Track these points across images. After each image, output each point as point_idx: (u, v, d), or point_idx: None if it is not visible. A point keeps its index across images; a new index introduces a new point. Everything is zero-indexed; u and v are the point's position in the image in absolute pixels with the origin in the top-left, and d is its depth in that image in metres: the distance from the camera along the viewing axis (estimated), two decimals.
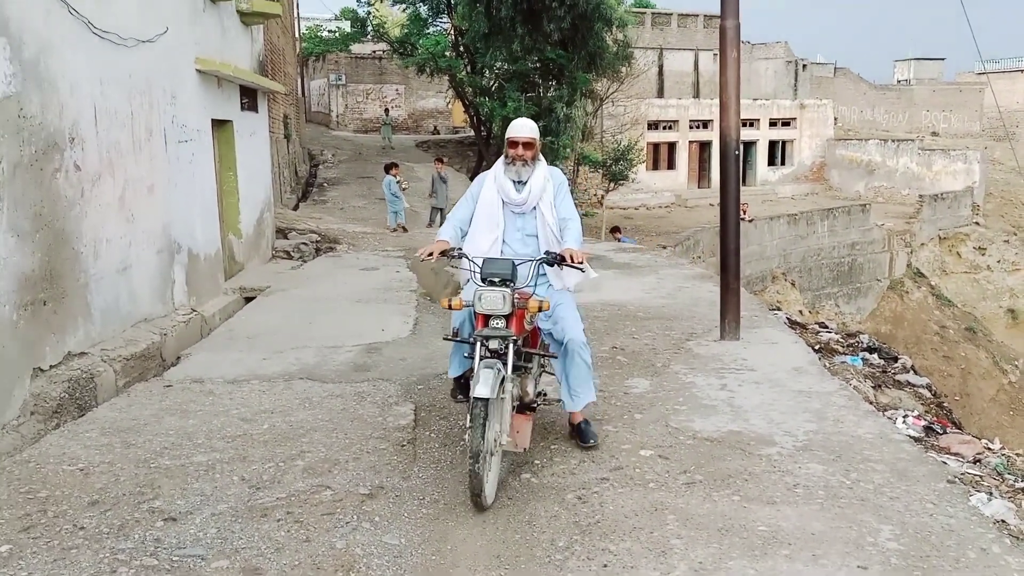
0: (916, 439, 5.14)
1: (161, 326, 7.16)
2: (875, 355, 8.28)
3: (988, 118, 45.77)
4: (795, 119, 35.39)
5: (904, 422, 5.99)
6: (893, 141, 35.45)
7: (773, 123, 34.99)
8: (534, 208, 4.44)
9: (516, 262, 4.05)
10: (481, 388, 3.63)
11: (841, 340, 8.66)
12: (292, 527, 3.61)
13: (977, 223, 32.10)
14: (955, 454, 5.37)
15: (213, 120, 9.22)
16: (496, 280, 3.92)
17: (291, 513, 3.74)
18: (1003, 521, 3.94)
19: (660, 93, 37.71)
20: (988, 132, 44.98)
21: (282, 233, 13.21)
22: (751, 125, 33.36)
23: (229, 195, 10.09)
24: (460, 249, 4.26)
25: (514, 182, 4.42)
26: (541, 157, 4.48)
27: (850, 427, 4.79)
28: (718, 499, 3.87)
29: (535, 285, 4.18)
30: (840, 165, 35.40)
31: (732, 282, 7.00)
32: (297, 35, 23.57)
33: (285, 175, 18.17)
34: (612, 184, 24.54)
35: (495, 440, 3.81)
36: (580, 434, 4.55)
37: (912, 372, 8.06)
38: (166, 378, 6.07)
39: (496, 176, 4.45)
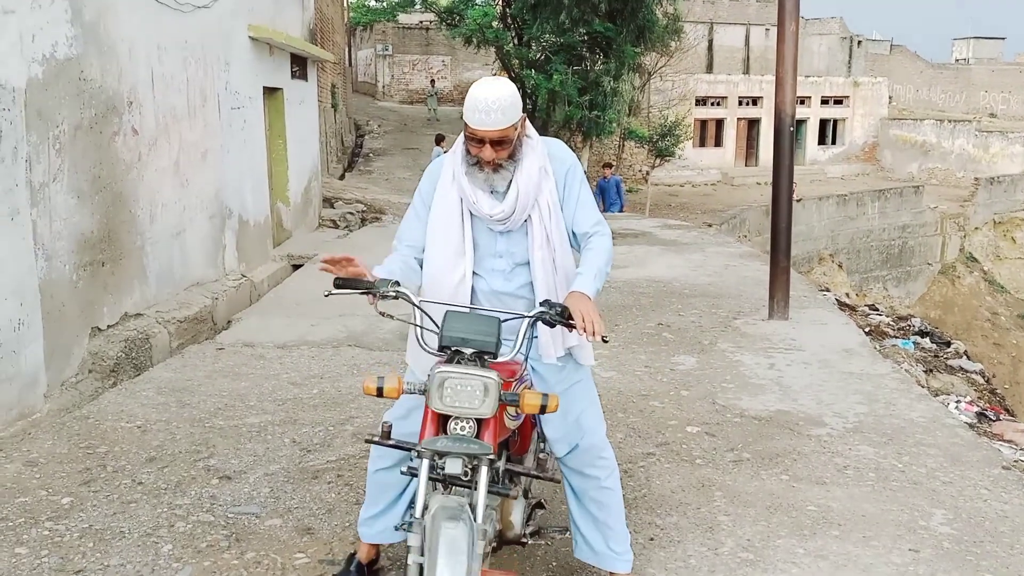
0: (969, 425, 5.05)
1: (213, 290, 7.28)
2: (927, 339, 8.13)
3: None
4: (848, 97, 34.59)
5: (956, 407, 5.89)
6: (949, 122, 34.50)
7: (825, 101, 34.24)
8: (526, 221, 2.64)
9: (502, 318, 2.41)
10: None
11: (892, 323, 8.51)
12: (343, 489, 3.67)
13: None
14: (1009, 441, 5.26)
15: (264, 87, 9.30)
16: (467, 353, 2.30)
17: (341, 476, 3.80)
18: None
19: (709, 68, 37.10)
20: None
21: (328, 202, 13.33)
22: (802, 103, 32.63)
23: (278, 163, 10.20)
24: (396, 285, 2.45)
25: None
26: (531, 132, 2.64)
27: (902, 410, 4.72)
28: (766, 477, 3.85)
29: (526, 356, 2.50)
30: (893, 145, 34.58)
31: (782, 261, 6.91)
32: (345, 5, 23.59)
33: (332, 145, 18.28)
34: (658, 160, 24.26)
35: None
36: None
37: (965, 357, 7.90)
38: (218, 341, 6.19)
39: (456, 173, 2.63)
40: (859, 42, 42.35)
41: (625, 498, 3.46)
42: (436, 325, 2.40)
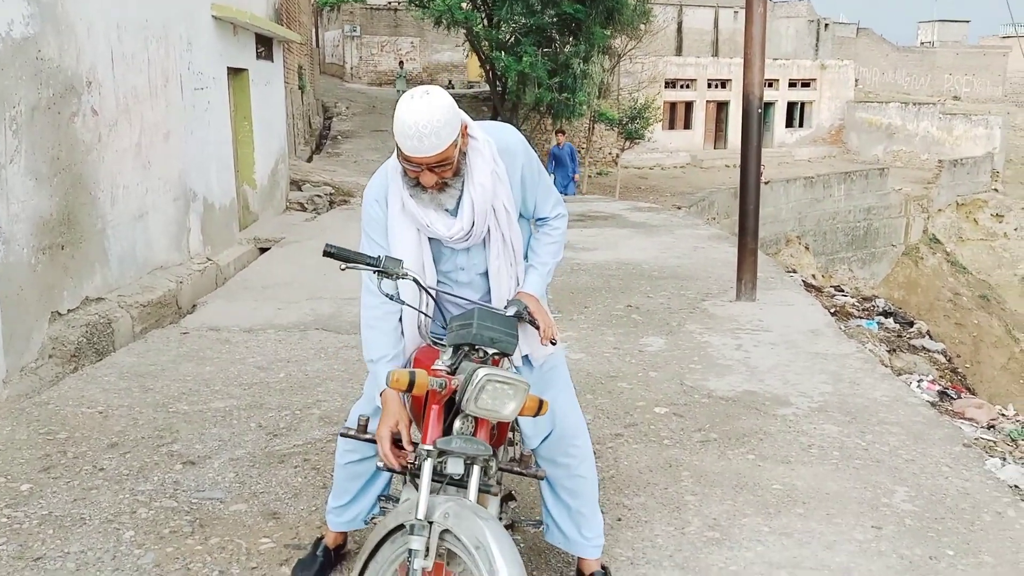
0: (931, 403, 5.13)
1: (177, 274, 7.18)
2: (891, 319, 8.25)
3: (1011, 83, 44.99)
4: (815, 80, 34.84)
5: (919, 386, 5.98)
6: (914, 104, 34.89)
7: (792, 84, 34.45)
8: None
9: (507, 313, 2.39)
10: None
11: (857, 304, 8.62)
12: (309, 473, 3.64)
13: (996, 190, 31.70)
14: (969, 419, 5.36)
15: (229, 68, 9.16)
16: (492, 353, 2.23)
17: (308, 460, 3.77)
18: (1016, 486, 3.94)
19: (678, 51, 37.16)
20: (1011, 97, 44.24)
21: (296, 185, 13.18)
22: (770, 85, 32.84)
23: (244, 145, 10.06)
24: (401, 264, 2.31)
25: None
26: (475, 133, 2.38)
27: (866, 390, 4.78)
28: (732, 457, 3.88)
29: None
30: (859, 128, 34.92)
31: (750, 242, 6.95)
32: None
33: (299, 127, 18.06)
34: (628, 143, 24.27)
35: None
36: None
37: (927, 337, 8.03)
38: (183, 325, 6.10)
39: (403, 198, 2.39)
40: (826, 25, 42.63)
41: None
42: (443, 317, 2.35)
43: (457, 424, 2.20)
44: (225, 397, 4.56)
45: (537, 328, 2.39)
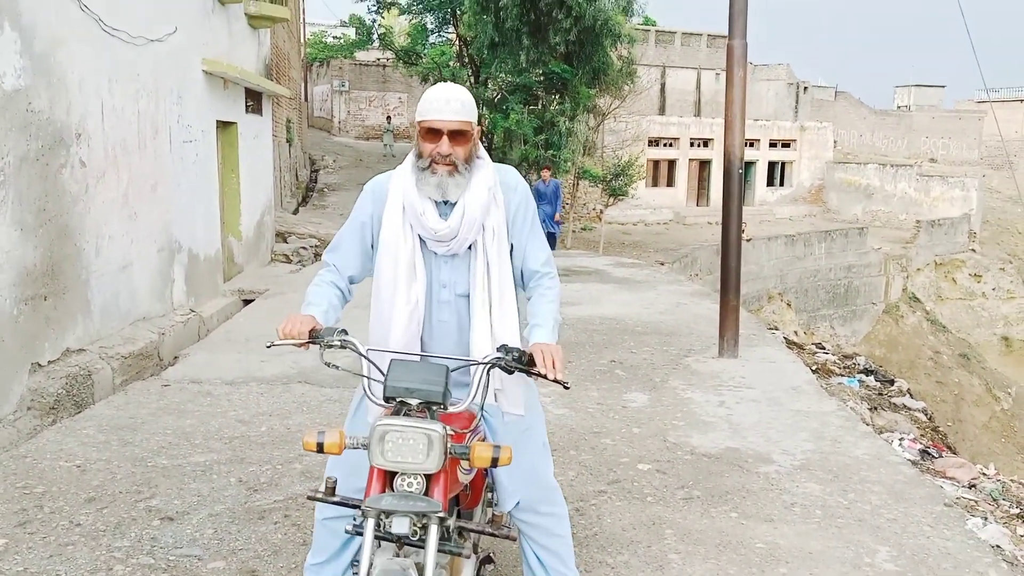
0: (912, 462, 5.15)
1: (160, 325, 7.15)
2: (872, 377, 8.30)
3: (986, 146, 46.00)
4: (795, 140, 35.54)
5: (900, 444, 6.01)
6: (892, 166, 35.59)
7: (773, 144, 35.12)
8: (470, 248, 2.50)
9: (454, 365, 2.32)
10: None
11: (838, 361, 8.68)
12: (289, 530, 3.59)
13: (973, 250, 32.22)
14: (951, 478, 5.38)
15: (218, 121, 9.25)
16: (413, 404, 2.16)
17: (288, 516, 3.73)
18: (998, 546, 3.95)
19: (662, 110, 37.83)
20: (986, 160, 45.20)
21: (281, 237, 13.22)
22: (751, 145, 33.43)
23: (231, 197, 10.11)
24: (342, 333, 2.33)
25: (435, 202, 2.47)
26: (482, 153, 2.52)
27: (848, 447, 4.80)
28: (716, 515, 3.87)
29: (481, 406, 2.34)
30: (839, 188, 35.53)
31: (732, 299, 7.02)
32: (302, 40, 23.64)
33: (286, 179, 18.18)
34: (611, 199, 24.56)
35: None
36: None
37: (908, 395, 8.07)
38: (164, 377, 6.06)
39: (404, 193, 2.48)
40: (805, 88, 43.59)
41: (576, 536, 3.46)
42: (382, 374, 2.24)
43: (397, 481, 2.12)
44: (205, 451, 4.51)
45: (532, 374, 2.31)
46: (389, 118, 34.17)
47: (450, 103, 2.37)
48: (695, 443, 4.84)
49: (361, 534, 2.11)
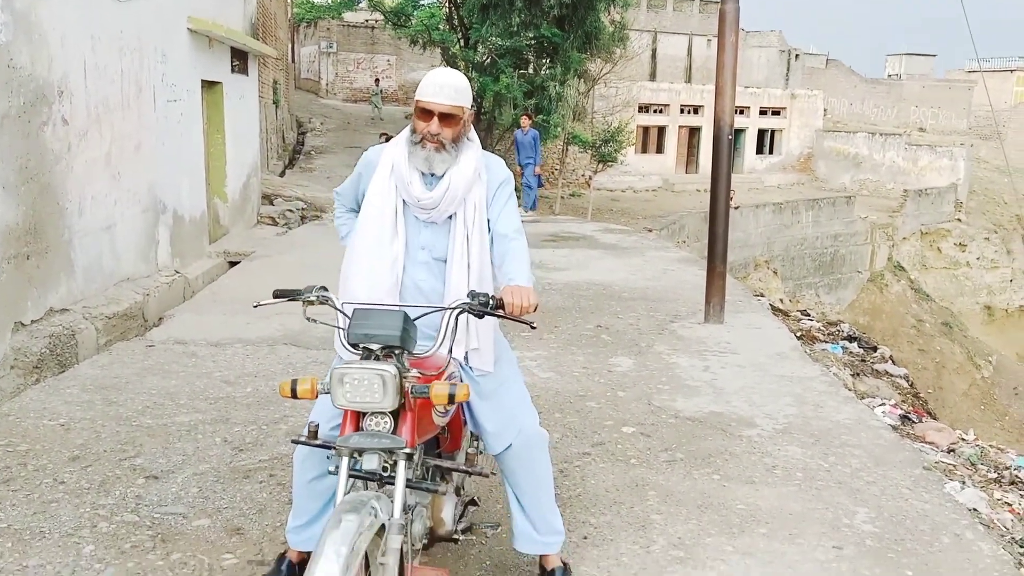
0: (893, 427, 5.21)
1: (144, 286, 7.11)
2: (855, 344, 8.37)
3: (975, 116, 46.03)
4: (785, 108, 35.43)
5: (881, 410, 6.08)
6: (881, 135, 35.58)
7: (763, 111, 35.00)
8: (450, 217, 2.70)
9: (415, 314, 2.44)
10: (323, 571, 1.92)
11: (822, 328, 8.74)
12: (275, 488, 3.61)
13: (959, 220, 32.38)
14: (930, 443, 5.46)
15: (203, 81, 9.13)
16: (374, 348, 2.26)
17: (273, 475, 3.74)
18: (975, 510, 4.02)
19: (652, 76, 37.61)
20: (975, 130, 45.25)
21: (268, 199, 13.13)
22: (741, 113, 33.32)
23: (216, 158, 10.01)
24: (322, 290, 2.52)
25: (423, 174, 2.67)
26: (474, 136, 2.77)
27: (830, 412, 4.84)
28: (698, 477, 3.91)
29: (450, 349, 2.49)
30: (827, 156, 35.53)
31: (719, 266, 7.04)
32: (289, 0, 23.28)
33: (272, 141, 18.01)
34: (600, 165, 24.47)
35: None
36: None
37: (890, 362, 8.15)
38: (149, 338, 6.04)
39: (395, 163, 2.69)
40: (796, 55, 43.38)
41: (560, 497, 3.50)
42: (344, 324, 2.39)
43: (365, 421, 2.27)
44: (190, 411, 4.52)
45: (500, 316, 2.47)
46: (377, 80, 33.83)
47: (444, 88, 2.58)
48: (679, 407, 4.87)
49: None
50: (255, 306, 2.63)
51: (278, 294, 2.57)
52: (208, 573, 2.93)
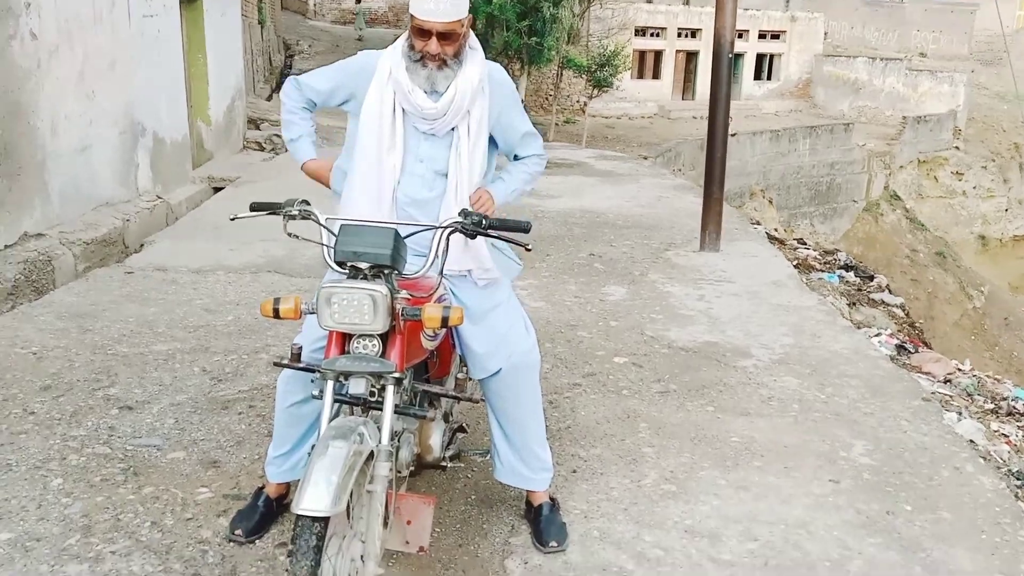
0: (890, 357, 5.11)
1: (124, 211, 6.88)
2: (851, 273, 8.24)
3: (977, 42, 45.15)
4: (785, 32, 34.59)
5: (878, 340, 5.97)
6: (881, 60, 34.86)
7: (762, 35, 34.17)
8: (453, 129, 2.53)
9: (405, 232, 2.35)
10: (311, 498, 1.85)
11: (819, 257, 8.60)
12: (254, 420, 3.49)
13: (957, 147, 31.99)
14: (927, 373, 5.36)
15: None
16: (363, 267, 2.12)
17: (253, 407, 3.62)
18: (972, 441, 3.94)
19: None
20: (976, 56, 44.42)
21: (254, 124, 12.76)
22: (740, 36, 32.43)
23: (198, 79, 9.64)
24: (304, 203, 2.34)
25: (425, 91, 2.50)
26: (474, 44, 2.55)
27: (827, 342, 4.73)
28: (691, 409, 3.81)
29: (440, 271, 2.32)
30: (826, 82, 34.87)
31: (716, 192, 6.85)
32: None
33: (259, 63, 17.48)
34: (596, 90, 23.96)
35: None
36: (540, 528, 2.74)
37: (887, 292, 8.04)
38: (127, 264, 5.86)
39: (392, 69, 2.49)
40: None
41: (550, 429, 3.40)
42: (331, 242, 2.25)
43: (352, 344, 2.16)
44: (168, 340, 4.37)
45: (490, 236, 2.39)
46: (358, 0, 32.88)
47: (440, 3, 2.37)
48: (673, 337, 4.75)
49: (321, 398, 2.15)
50: (232, 218, 2.46)
51: (256, 207, 2.40)
52: (181, 507, 2.82)
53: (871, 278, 8.48)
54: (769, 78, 34.79)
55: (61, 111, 6.01)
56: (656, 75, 32.38)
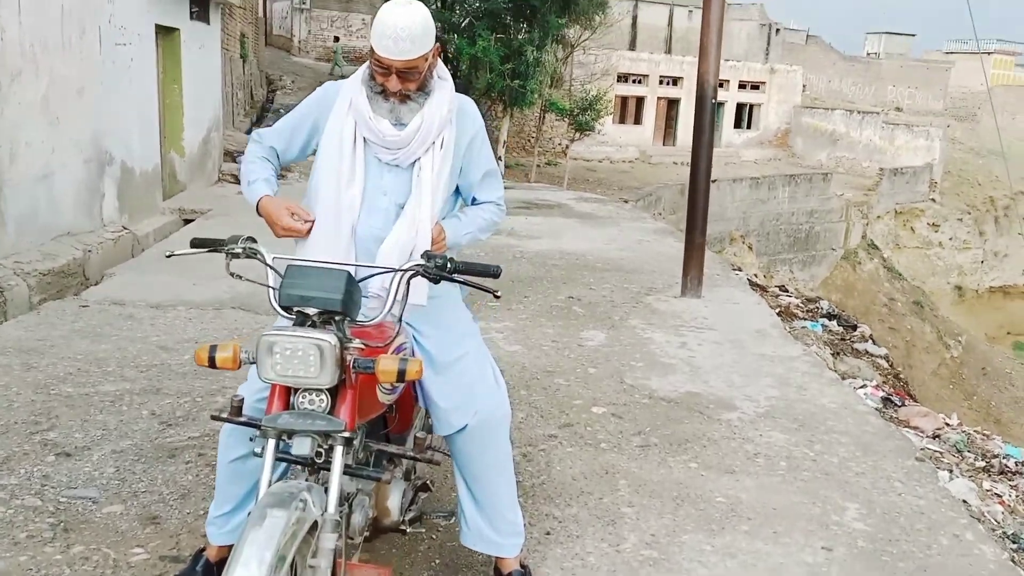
0: (878, 411, 4.92)
1: (86, 242, 6.63)
2: (834, 322, 8.08)
3: (952, 98, 46.04)
4: (764, 83, 35.05)
5: (864, 391, 5.79)
6: (858, 112, 35.37)
7: (743, 85, 34.61)
8: (416, 161, 2.32)
9: (362, 274, 2.15)
10: (242, 571, 1.62)
11: (801, 305, 8.45)
12: (202, 471, 3.22)
13: (933, 199, 32.36)
14: (915, 428, 5.17)
15: (157, 26, 8.56)
16: (310, 312, 1.92)
17: (203, 455, 3.34)
18: (964, 501, 3.73)
19: (632, 46, 36.99)
20: (951, 111, 45.25)
21: (231, 156, 12.55)
22: (721, 86, 32.83)
23: (173, 109, 9.46)
24: (249, 240, 2.14)
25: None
26: (443, 74, 2.37)
27: (814, 395, 4.53)
28: (674, 465, 3.58)
29: (399, 317, 2.14)
30: (805, 133, 35.28)
31: (697, 237, 6.69)
32: None
33: (239, 97, 17.33)
34: (578, 134, 24.01)
35: None
36: None
37: (871, 341, 7.89)
38: (83, 297, 5.57)
39: (353, 99, 2.31)
40: (777, 30, 42.94)
41: (523, 485, 3.15)
42: (277, 284, 2.03)
43: (297, 398, 1.93)
44: (118, 380, 4.09)
45: (459, 282, 2.16)
46: (337, 39, 33.00)
47: (399, 43, 2.18)
48: (654, 386, 4.53)
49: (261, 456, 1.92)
50: (168, 255, 2.26)
51: (196, 243, 2.20)
52: (112, 571, 2.54)
53: (854, 327, 8.32)
54: (749, 127, 35.17)
55: (22, 137, 5.79)
56: (638, 120, 32.62)
